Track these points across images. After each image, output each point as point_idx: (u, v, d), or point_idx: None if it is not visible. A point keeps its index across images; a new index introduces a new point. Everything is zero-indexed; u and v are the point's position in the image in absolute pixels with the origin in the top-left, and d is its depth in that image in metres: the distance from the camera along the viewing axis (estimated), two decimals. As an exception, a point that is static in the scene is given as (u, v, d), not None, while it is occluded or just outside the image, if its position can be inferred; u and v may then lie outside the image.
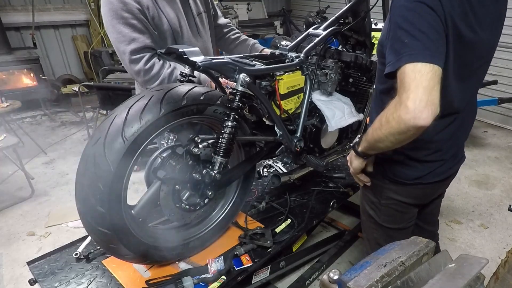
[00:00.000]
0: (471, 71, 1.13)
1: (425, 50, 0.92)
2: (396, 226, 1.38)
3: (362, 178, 1.31)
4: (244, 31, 6.54)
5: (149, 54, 1.57)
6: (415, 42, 0.93)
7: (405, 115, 0.90)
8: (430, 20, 0.94)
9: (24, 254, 2.50)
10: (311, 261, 2.23)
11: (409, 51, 0.93)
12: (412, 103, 0.89)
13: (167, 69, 1.60)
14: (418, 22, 0.94)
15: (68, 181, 3.49)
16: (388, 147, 1.06)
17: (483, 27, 1.06)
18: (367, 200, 1.40)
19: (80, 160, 1.14)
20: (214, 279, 1.38)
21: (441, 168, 1.25)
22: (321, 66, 1.75)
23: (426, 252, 0.75)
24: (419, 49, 0.92)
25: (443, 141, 1.21)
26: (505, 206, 2.93)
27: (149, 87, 1.67)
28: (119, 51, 1.57)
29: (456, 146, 1.28)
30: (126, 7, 1.49)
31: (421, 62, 0.91)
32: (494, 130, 4.61)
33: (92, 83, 4.89)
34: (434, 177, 1.26)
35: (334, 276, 0.71)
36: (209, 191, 1.40)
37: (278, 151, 1.82)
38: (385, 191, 1.31)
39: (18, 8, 5.26)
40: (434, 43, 0.94)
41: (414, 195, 1.30)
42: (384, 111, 1.01)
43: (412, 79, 0.90)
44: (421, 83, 0.89)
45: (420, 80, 0.89)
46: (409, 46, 0.94)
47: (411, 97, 0.89)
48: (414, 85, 0.89)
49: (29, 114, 5.24)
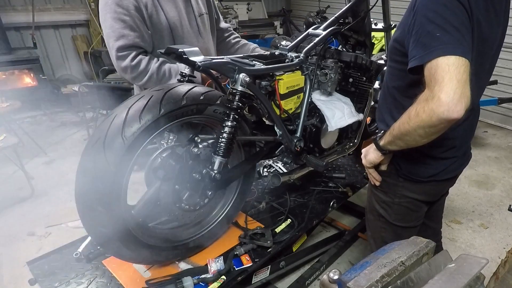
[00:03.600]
0: (486, 68, 1.15)
1: (458, 44, 0.92)
2: (406, 225, 1.39)
3: (374, 174, 1.32)
4: (244, 31, 6.55)
5: (136, 52, 1.56)
6: (447, 36, 0.92)
7: (438, 108, 0.90)
8: (460, 15, 0.94)
9: (24, 254, 2.50)
10: (311, 261, 2.23)
11: (441, 45, 0.92)
12: (446, 96, 0.88)
13: (154, 63, 1.59)
14: (450, 16, 0.94)
15: (68, 181, 3.48)
16: (416, 141, 1.05)
17: (498, 24, 1.07)
18: (377, 199, 1.41)
19: (80, 160, 1.14)
20: (214, 279, 1.38)
21: (454, 165, 1.28)
22: (321, 66, 1.75)
23: (426, 252, 0.75)
24: (453, 43, 0.92)
25: (458, 138, 1.24)
26: (505, 206, 2.93)
27: (138, 84, 1.67)
28: (108, 46, 1.57)
29: (466, 144, 1.32)
30: (121, 2, 1.48)
31: (455, 55, 0.90)
32: (494, 130, 4.61)
33: (92, 83, 4.89)
34: (447, 174, 1.28)
35: (334, 276, 0.71)
36: (209, 191, 1.40)
37: (278, 151, 1.82)
38: (399, 189, 1.32)
39: (18, 8, 5.25)
40: (465, 38, 0.94)
41: (427, 192, 1.32)
42: (414, 105, 1.00)
43: (446, 72, 0.89)
44: (456, 76, 0.88)
45: (454, 73, 0.89)
46: (441, 40, 0.92)
47: (445, 89, 0.88)
48: (448, 78, 0.88)
49: (29, 114, 5.24)
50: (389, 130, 1.15)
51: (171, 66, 1.62)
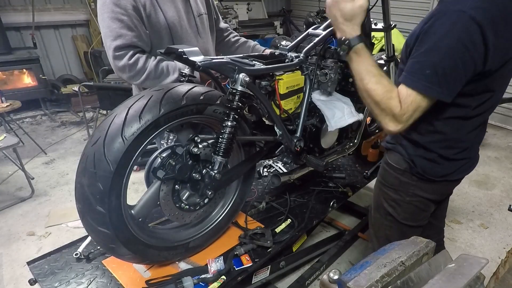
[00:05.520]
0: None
1: (438, 87, 1.04)
2: (414, 224, 1.40)
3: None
4: (244, 31, 6.55)
5: (133, 51, 1.56)
6: (435, 78, 1.03)
7: (389, 126, 1.12)
8: (459, 63, 1.01)
9: (24, 254, 2.50)
10: (311, 261, 2.23)
11: (424, 82, 1.04)
12: (402, 126, 1.10)
13: (152, 61, 1.59)
14: (447, 61, 1.01)
15: (68, 181, 3.49)
16: (361, 95, 1.19)
17: None
18: (386, 197, 1.41)
19: (80, 160, 1.13)
20: (214, 279, 1.38)
21: (465, 166, 1.30)
22: (321, 66, 1.74)
23: (426, 252, 0.75)
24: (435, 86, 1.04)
25: (471, 140, 1.26)
26: (505, 206, 2.93)
27: (136, 83, 1.66)
28: (106, 46, 1.56)
29: (477, 145, 1.33)
30: (119, 2, 1.48)
31: (431, 97, 1.06)
32: (494, 130, 4.61)
33: (92, 83, 4.89)
34: (458, 175, 1.31)
35: (334, 276, 0.71)
36: (209, 191, 1.40)
37: (278, 151, 1.81)
38: (411, 188, 1.33)
39: (18, 8, 5.25)
40: (450, 83, 1.04)
41: (438, 191, 1.34)
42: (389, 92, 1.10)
43: (416, 111, 1.08)
44: (417, 112, 1.09)
45: (419, 110, 1.08)
46: (427, 79, 1.04)
47: (404, 122, 1.10)
48: (412, 110, 1.07)
49: (29, 114, 5.25)
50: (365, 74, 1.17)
51: (169, 64, 1.62)
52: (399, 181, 1.34)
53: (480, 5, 0.96)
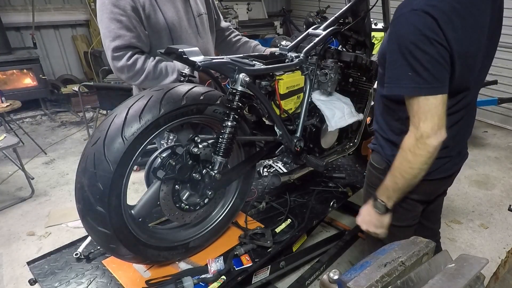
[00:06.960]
0: (487, 69, 1.23)
1: (426, 84, 1.03)
2: (401, 224, 1.39)
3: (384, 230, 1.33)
4: (244, 31, 6.55)
5: (132, 51, 1.55)
6: (418, 78, 1.03)
7: (429, 140, 1.06)
8: (432, 53, 1.00)
9: (24, 254, 2.50)
10: (311, 261, 2.23)
11: (412, 84, 1.03)
12: (431, 130, 1.06)
13: (151, 62, 1.59)
14: (422, 57, 1.01)
15: (68, 181, 3.49)
16: (422, 177, 1.15)
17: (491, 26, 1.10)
18: (371, 198, 1.40)
19: (80, 160, 1.14)
20: (214, 279, 1.38)
21: (448, 164, 1.29)
22: (321, 66, 1.74)
23: (426, 252, 0.75)
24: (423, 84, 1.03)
25: (450, 138, 1.24)
26: (505, 206, 2.93)
27: (135, 84, 1.66)
28: (105, 46, 1.56)
29: (461, 143, 1.32)
30: (118, 2, 1.48)
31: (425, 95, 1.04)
32: (494, 130, 4.61)
33: (92, 83, 4.90)
34: (440, 173, 1.29)
35: (334, 276, 0.71)
36: (209, 191, 1.40)
37: (278, 151, 1.81)
38: None
39: (18, 8, 5.26)
40: (435, 76, 1.03)
41: (420, 191, 1.32)
42: (402, 152, 1.12)
43: (425, 111, 1.05)
44: (431, 113, 1.05)
45: (432, 111, 1.05)
46: (413, 80, 1.03)
47: (428, 127, 1.06)
48: (423, 114, 1.05)
49: (29, 114, 5.24)
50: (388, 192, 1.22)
51: (168, 64, 1.62)
52: (380, 181, 1.32)
53: (430, 3, 0.99)
